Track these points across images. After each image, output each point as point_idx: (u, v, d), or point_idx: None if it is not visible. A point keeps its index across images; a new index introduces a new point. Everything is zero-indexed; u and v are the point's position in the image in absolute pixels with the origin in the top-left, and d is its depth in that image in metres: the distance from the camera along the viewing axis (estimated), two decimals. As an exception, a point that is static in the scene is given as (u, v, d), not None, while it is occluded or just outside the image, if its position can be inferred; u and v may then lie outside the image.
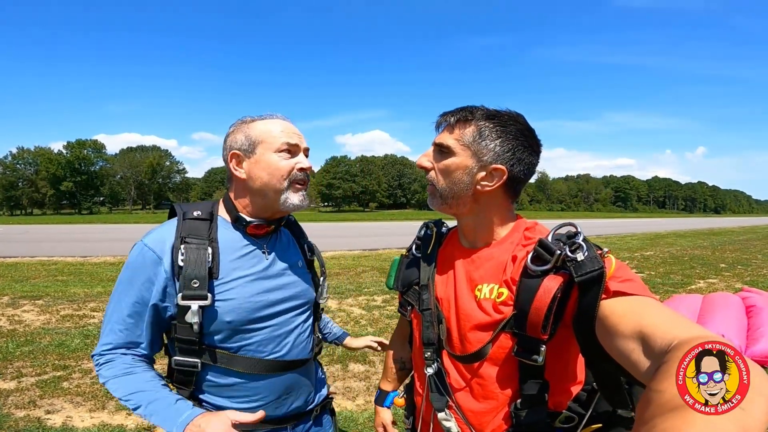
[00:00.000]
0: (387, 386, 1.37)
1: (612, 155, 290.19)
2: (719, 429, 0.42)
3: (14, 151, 69.46)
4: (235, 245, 1.15)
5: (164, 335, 1.17)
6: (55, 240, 16.10)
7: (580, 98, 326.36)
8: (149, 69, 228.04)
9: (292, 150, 1.16)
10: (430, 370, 1.05)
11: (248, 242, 1.18)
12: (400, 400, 1.30)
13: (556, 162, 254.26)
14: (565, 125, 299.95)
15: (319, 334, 1.37)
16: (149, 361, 1.15)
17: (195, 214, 1.13)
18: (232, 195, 1.20)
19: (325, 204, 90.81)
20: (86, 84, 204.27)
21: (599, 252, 0.85)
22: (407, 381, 1.33)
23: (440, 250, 1.16)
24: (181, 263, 1.05)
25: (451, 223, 1.22)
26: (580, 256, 0.83)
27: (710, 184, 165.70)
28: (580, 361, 0.98)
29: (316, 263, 1.37)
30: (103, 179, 74.72)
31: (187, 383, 1.14)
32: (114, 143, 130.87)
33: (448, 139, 1.00)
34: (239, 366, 1.12)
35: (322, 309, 1.41)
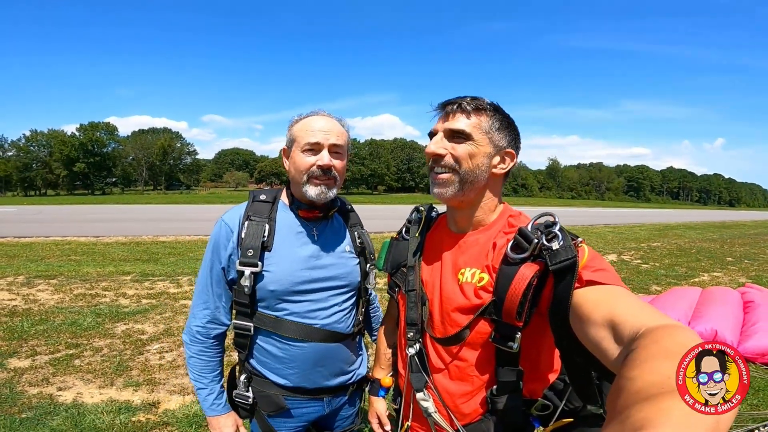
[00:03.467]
0: (380, 373, 1.37)
1: (627, 144, 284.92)
2: (694, 420, 0.43)
3: (27, 133, 70.38)
4: (289, 225, 1.34)
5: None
6: (69, 220, 16.40)
7: (595, 85, 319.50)
8: (159, 52, 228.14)
9: (314, 148, 1.27)
10: (411, 351, 1.09)
11: (300, 224, 1.35)
12: (388, 380, 1.34)
13: (568, 149, 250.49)
14: (579, 112, 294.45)
15: (361, 317, 1.46)
16: (225, 334, 1.40)
17: (261, 197, 1.35)
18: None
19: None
20: (97, 67, 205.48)
21: (574, 242, 0.88)
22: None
23: (428, 234, 1.19)
24: (243, 236, 1.26)
25: (441, 209, 1.25)
26: (555, 245, 0.86)
27: (726, 177, 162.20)
28: (557, 351, 0.98)
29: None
30: (116, 161, 75.42)
31: (243, 346, 1.34)
32: (125, 125, 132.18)
33: (464, 125, 1.00)
34: (284, 330, 1.28)
35: (370, 294, 1.53)
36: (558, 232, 0.88)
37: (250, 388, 1.35)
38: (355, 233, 1.46)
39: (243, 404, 1.36)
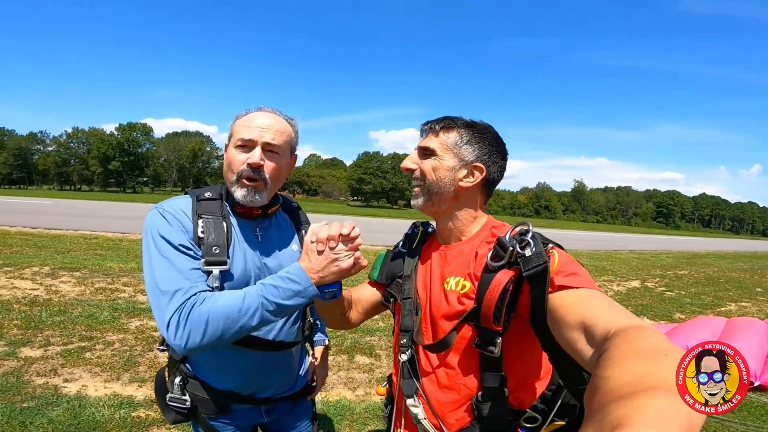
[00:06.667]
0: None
1: (659, 168, 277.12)
2: (669, 416, 0.43)
3: (69, 130, 74.09)
4: (234, 224, 1.24)
5: None
6: (98, 216, 16.89)
7: (627, 106, 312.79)
8: (195, 57, 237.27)
9: (247, 144, 1.17)
10: (404, 357, 1.12)
11: (241, 223, 1.25)
12: (382, 389, 1.34)
13: (595, 171, 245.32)
14: (609, 133, 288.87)
15: (311, 319, 1.40)
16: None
17: (206, 195, 1.23)
18: None
19: (354, 198, 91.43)
20: (138, 70, 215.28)
21: (545, 248, 0.91)
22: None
23: (423, 248, 1.24)
24: (201, 234, 1.13)
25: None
26: (527, 252, 0.89)
27: (761, 205, 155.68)
28: (544, 357, 1.01)
29: None
30: (148, 161, 78.29)
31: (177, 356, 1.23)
32: (160, 127, 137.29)
33: (432, 142, 1.09)
34: None
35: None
36: (530, 240, 0.91)
37: (186, 392, 1.26)
38: (303, 233, 1.38)
39: (180, 408, 1.26)
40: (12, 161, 70.35)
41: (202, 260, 1.12)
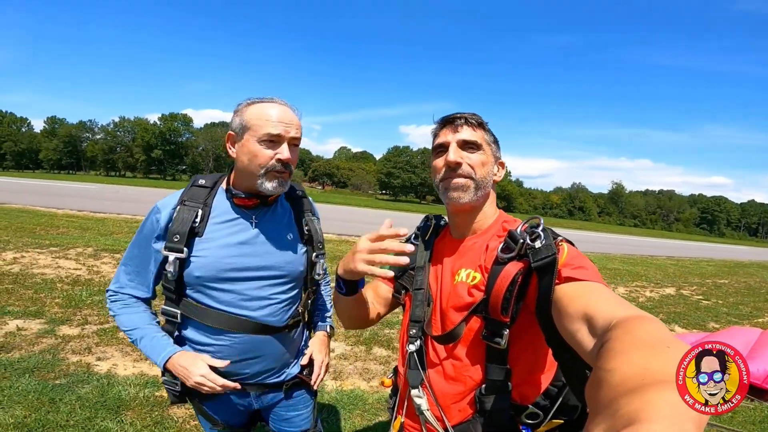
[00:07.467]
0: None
1: (706, 172, 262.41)
2: (682, 410, 0.44)
3: (116, 119, 77.79)
4: (226, 211, 1.30)
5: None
6: (140, 201, 17.50)
7: (675, 106, 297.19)
8: (234, 52, 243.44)
9: (274, 140, 1.21)
10: (412, 347, 1.13)
11: (237, 211, 1.30)
12: (388, 381, 1.35)
13: (636, 173, 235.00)
14: (653, 135, 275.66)
15: (302, 308, 1.42)
16: (147, 303, 1.39)
17: (200, 182, 1.33)
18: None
19: (383, 192, 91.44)
20: (179, 63, 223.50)
21: (555, 240, 0.93)
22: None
23: (436, 240, 1.25)
24: (173, 221, 1.24)
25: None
26: (537, 244, 0.91)
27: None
28: (550, 353, 1.00)
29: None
30: (187, 150, 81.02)
31: (171, 333, 1.33)
32: (199, 118, 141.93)
33: (475, 136, 1.11)
34: (209, 320, 1.26)
35: (318, 285, 1.49)
36: (540, 232, 0.92)
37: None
38: (304, 221, 1.42)
39: (173, 391, 1.34)
40: (62, 148, 74.68)
41: (163, 245, 1.24)
